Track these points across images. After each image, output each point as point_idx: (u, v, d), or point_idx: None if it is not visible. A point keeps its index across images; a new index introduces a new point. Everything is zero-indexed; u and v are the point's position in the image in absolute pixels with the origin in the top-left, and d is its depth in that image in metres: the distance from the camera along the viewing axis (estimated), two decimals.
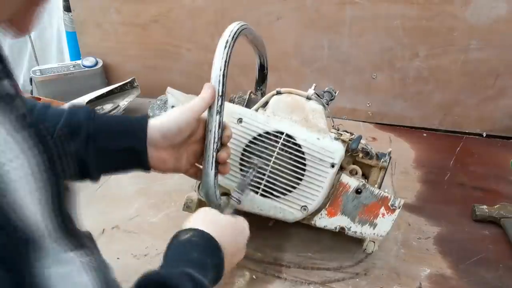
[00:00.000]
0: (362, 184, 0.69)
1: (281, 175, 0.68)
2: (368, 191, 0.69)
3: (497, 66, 1.12)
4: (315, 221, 0.71)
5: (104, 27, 1.37)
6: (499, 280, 0.73)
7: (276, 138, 0.68)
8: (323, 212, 0.70)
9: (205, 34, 1.29)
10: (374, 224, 0.69)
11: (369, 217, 0.69)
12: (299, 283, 0.72)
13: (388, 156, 0.72)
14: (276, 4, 1.19)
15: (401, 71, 1.19)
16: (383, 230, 0.70)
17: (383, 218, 0.69)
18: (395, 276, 0.73)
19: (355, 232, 0.71)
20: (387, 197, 0.69)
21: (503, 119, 1.18)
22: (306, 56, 1.24)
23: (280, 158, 0.68)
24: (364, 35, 1.17)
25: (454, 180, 1.00)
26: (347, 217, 0.70)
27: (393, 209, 0.68)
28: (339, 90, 0.79)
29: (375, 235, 0.70)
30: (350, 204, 0.69)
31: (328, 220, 0.71)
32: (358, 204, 0.69)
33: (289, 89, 0.72)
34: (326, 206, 0.70)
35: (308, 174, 0.68)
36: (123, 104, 1.16)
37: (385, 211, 0.68)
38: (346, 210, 0.70)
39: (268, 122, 0.69)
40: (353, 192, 0.69)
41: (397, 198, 0.69)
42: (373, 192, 0.69)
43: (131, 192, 0.92)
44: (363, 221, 0.70)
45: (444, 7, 1.08)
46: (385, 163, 0.71)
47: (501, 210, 0.85)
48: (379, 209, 0.69)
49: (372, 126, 1.25)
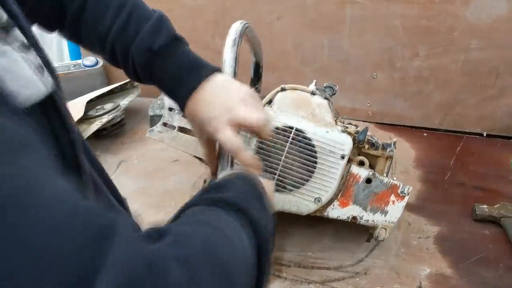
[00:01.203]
0: (372, 173, 0.71)
1: (293, 169, 0.70)
2: (378, 180, 0.71)
3: (497, 66, 1.12)
4: (327, 212, 0.73)
5: None
6: (499, 280, 0.73)
7: (285, 133, 0.70)
8: (335, 203, 0.72)
9: (206, 34, 1.29)
10: (385, 212, 0.72)
11: (380, 205, 0.72)
12: (299, 282, 0.72)
13: (393, 146, 0.74)
14: (276, 3, 1.19)
15: (401, 70, 1.19)
16: (394, 216, 0.72)
17: (393, 205, 0.71)
18: (395, 276, 0.73)
19: (367, 220, 0.73)
20: (396, 184, 0.71)
21: (503, 118, 1.18)
22: (306, 56, 1.24)
23: (291, 152, 0.70)
24: (364, 34, 1.17)
25: (454, 179, 1.00)
26: (359, 206, 0.72)
27: (403, 196, 0.71)
28: (339, 89, 0.80)
29: (387, 222, 0.73)
30: (361, 193, 0.72)
31: (340, 210, 0.73)
32: (369, 193, 0.72)
33: (293, 85, 0.73)
34: (338, 197, 0.72)
35: (319, 167, 0.70)
36: (124, 104, 1.16)
37: (395, 198, 0.71)
38: (357, 199, 0.72)
39: (277, 118, 0.70)
40: (363, 181, 0.71)
41: (406, 185, 0.71)
42: (383, 180, 0.71)
43: (131, 191, 0.92)
44: (374, 209, 0.72)
45: (445, 6, 1.08)
46: (391, 153, 0.73)
47: (501, 209, 0.85)
48: (389, 197, 0.71)
49: (372, 125, 1.25)
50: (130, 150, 1.07)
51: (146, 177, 0.97)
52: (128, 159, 1.03)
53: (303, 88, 0.72)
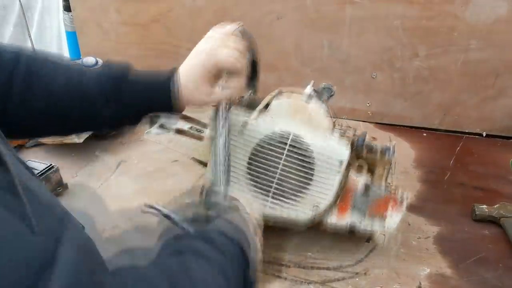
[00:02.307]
0: (370, 180, 0.70)
1: (291, 177, 0.69)
2: (376, 187, 0.71)
3: (497, 66, 1.12)
4: (326, 220, 0.71)
5: (104, 27, 1.37)
6: (499, 280, 0.73)
7: (282, 139, 0.69)
8: (334, 210, 0.71)
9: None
10: (384, 218, 0.71)
11: (378, 211, 0.71)
12: (299, 283, 0.72)
13: (392, 150, 0.73)
14: (276, 3, 1.19)
15: (401, 71, 1.19)
16: (393, 222, 0.71)
17: (392, 211, 0.70)
18: (395, 276, 0.73)
19: (366, 227, 0.71)
20: (395, 191, 0.71)
21: (503, 119, 1.18)
22: (306, 56, 1.24)
23: (288, 160, 0.69)
24: (364, 34, 1.17)
25: (454, 180, 1.00)
26: (358, 213, 0.71)
27: (401, 202, 0.70)
28: (339, 90, 0.79)
29: (385, 228, 0.72)
30: (359, 200, 0.71)
31: (339, 217, 0.71)
32: (368, 200, 0.71)
33: (291, 87, 0.72)
34: (337, 204, 0.71)
35: (317, 174, 0.68)
36: None
37: (393, 204, 0.70)
38: (356, 206, 0.71)
39: (273, 124, 0.69)
40: (362, 188, 0.70)
41: (404, 191, 0.71)
42: (381, 187, 0.71)
43: (130, 191, 0.92)
44: (373, 215, 0.71)
45: (444, 7, 1.08)
46: (390, 158, 0.73)
47: (501, 209, 0.85)
48: (388, 203, 0.70)
49: (372, 126, 1.25)
50: (129, 150, 1.07)
51: (146, 177, 0.97)
52: (128, 159, 1.03)
53: (300, 91, 0.71)
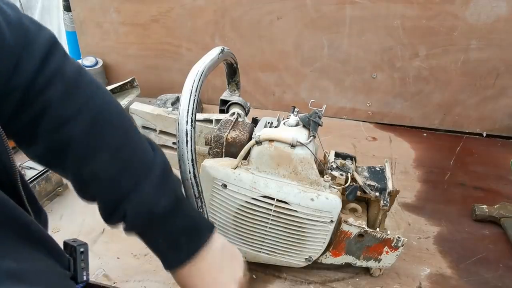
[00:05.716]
0: (363, 230, 0.67)
1: (280, 236, 0.66)
2: (370, 235, 0.67)
3: (497, 66, 1.12)
4: (321, 260, 0.71)
5: (104, 27, 1.37)
6: (499, 280, 0.73)
7: (266, 204, 0.63)
8: (327, 254, 0.70)
9: (205, 34, 1.29)
10: (379, 260, 0.70)
11: (373, 255, 0.69)
12: (299, 283, 0.72)
13: (388, 196, 0.67)
14: (276, 3, 1.19)
15: (401, 70, 1.19)
16: (388, 262, 0.70)
17: (387, 254, 0.69)
18: (395, 276, 0.73)
19: (361, 265, 0.71)
20: (389, 238, 0.67)
21: (503, 118, 1.18)
22: (306, 56, 1.24)
23: (276, 221, 0.64)
24: (364, 34, 1.17)
25: (454, 180, 1.00)
26: (352, 256, 0.70)
27: (396, 248, 0.68)
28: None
29: (381, 267, 0.71)
30: (353, 246, 0.69)
31: (333, 259, 0.71)
32: (362, 246, 0.69)
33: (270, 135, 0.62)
34: (330, 249, 0.69)
35: (307, 231, 0.65)
36: (124, 104, 1.16)
37: (388, 249, 0.68)
38: (350, 251, 0.70)
39: (254, 186, 0.62)
40: (355, 237, 0.68)
41: (400, 238, 0.67)
42: (375, 235, 0.67)
43: None
44: (367, 257, 0.70)
45: (445, 6, 1.08)
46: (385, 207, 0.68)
47: (501, 210, 0.85)
48: (382, 248, 0.68)
49: (372, 126, 1.25)
50: None
51: None
52: None
53: (282, 139, 0.61)
